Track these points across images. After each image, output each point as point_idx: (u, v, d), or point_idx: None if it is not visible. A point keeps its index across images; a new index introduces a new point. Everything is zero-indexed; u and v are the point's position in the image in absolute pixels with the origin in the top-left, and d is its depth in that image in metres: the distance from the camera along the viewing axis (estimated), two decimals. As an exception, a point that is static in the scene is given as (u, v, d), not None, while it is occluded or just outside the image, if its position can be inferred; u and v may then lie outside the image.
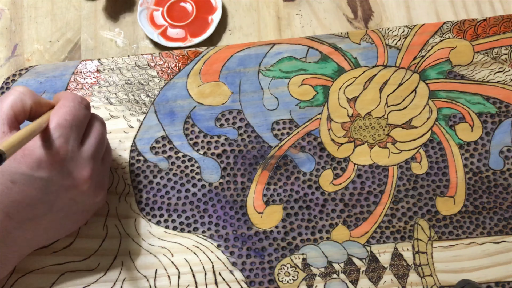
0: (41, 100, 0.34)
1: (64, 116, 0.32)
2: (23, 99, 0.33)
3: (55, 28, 0.49)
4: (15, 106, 0.33)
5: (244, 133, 0.42)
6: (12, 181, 0.31)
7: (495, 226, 0.38)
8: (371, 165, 0.40)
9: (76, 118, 0.33)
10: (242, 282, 0.38)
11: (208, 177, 0.41)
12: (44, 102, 0.34)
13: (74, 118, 0.33)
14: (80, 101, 0.34)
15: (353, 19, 0.47)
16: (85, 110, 0.34)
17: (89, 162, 0.34)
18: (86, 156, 0.34)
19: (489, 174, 0.39)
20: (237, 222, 0.39)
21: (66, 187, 0.33)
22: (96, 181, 0.35)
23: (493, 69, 0.42)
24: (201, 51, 0.44)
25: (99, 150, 0.35)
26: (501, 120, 0.41)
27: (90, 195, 0.35)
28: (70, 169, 0.33)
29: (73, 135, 0.33)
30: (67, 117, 0.33)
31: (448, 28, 0.43)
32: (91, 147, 0.34)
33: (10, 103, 0.33)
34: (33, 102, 0.33)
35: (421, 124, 0.41)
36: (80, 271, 0.38)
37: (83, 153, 0.34)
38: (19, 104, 0.33)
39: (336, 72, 0.43)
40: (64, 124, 0.32)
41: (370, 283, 0.37)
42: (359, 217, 0.39)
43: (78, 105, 0.34)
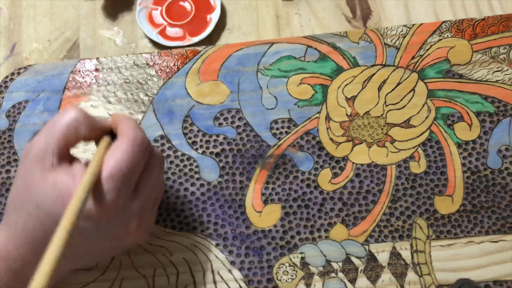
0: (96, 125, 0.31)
1: (120, 165, 0.29)
2: (78, 128, 0.30)
3: (54, 27, 0.49)
4: (68, 135, 0.30)
5: (243, 132, 0.42)
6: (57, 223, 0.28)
7: (493, 225, 0.38)
8: (369, 164, 0.40)
9: (133, 167, 0.30)
10: (241, 281, 0.38)
11: (207, 176, 0.41)
12: (99, 126, 0.32)
13: (131, 167, 0.30)
14: (141, 143, 0.31)
15: (352, 18, 0.47)
16: (142, 154, 0.31)
17: (140, 215, 0.32)
18: (136, 209, 0.31)
19: (487, 173, 0.39)
20: (235, 221, 0.39)
21: (111, 238, 0.32)
22: (144, 229, 0.33)
23: (492, 68, 0.42)
24: (200, 50, 0.44)
25: (152, 197, 0.33)
26: (499, 120, 0.41)
27: (133, 242, 0.33)
28: (118, 222, 0.31)
29: (126, 187, 0.30)
30: (122, 166, 0.29)
31: (447, 27, 0.43)
32: (144, 198, 0.32)
33: (63, 132, 0.30)
34: (88, 130, 0.31)
35: (419, 123, 0.41)
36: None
37: (135, 205, 0.31)
38: (73, 134, 0.30)
39: (335, 71, 0.43)
40: (118, 176, 0.29)
41: (368, 282, 0.37)
42: (357, 216, 0.39)
43: (137, 149, 0.30)
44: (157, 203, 0.35)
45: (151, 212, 0.35)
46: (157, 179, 0.33)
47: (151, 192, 0.33)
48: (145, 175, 0.32)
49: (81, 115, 0.31)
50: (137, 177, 0.31)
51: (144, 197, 0.32)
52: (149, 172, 0.32)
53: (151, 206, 0.34)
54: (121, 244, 0.33)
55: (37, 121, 0.43)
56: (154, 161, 0.33)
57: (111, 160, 0.29)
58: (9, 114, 0.43)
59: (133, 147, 0.30)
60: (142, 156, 0.31)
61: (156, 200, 0.35)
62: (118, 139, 0.31)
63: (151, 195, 0.33)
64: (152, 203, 0.34)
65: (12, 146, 0.42)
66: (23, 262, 0.31)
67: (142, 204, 0.32)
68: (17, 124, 0.43)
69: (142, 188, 0.32)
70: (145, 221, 0.33)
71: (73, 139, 0.31)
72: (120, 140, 0.30)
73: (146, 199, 0.32)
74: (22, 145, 0.42)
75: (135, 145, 0.30)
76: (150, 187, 0.32)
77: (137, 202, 0.31)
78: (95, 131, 0.32)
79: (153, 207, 0.35)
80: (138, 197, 0.31)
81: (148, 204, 0.33)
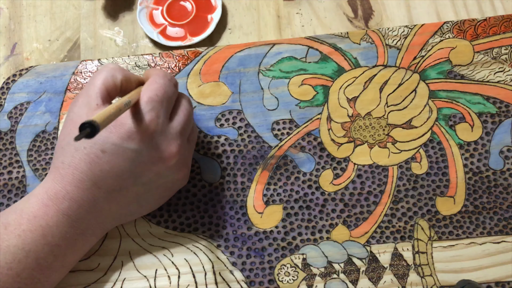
0: (131, 76, 0.36)
1: (155, 92, 0.33)
2: (114, 75, 0.34)
3: (54, 27, 0.49)
4: (107, 81, 0.34)
5: (244, 133, 0.42)
6: (103, 151, 0.32)
7: (495, 226, 0.38)
8: (371, 165, 0.40)
9: (167, 94, 0.34)
10: (242, 282, 0.38)
11: (208, 177, 0.41)
12: (133, 78, 0.36)
13: (165, 94, 0.34)
14: (170, 78, 0.35)
15: (354, 18, 0.47)
16: (174, 88, 0.35)
17: (177, 138, 0.34)
18: (174, 132, 0.34)
19: (489, 174, 0.39)
20: (237, 222, 0.39)
21: (154, 161, 0.34)
22: (182, 158, 0.35)
23: (493, 69, 0.42)
24: (201, 51, 0.44)
25: (186, 127, 0.36)
26: (501, 120, 0.41)
27: (175, 171, 0.36)
28: (159, 143, 0.33)
29: (163, 110, 0.34)
30: (158, 93, 0.33)
31: (448, 28, 0.43)
32: (179, 124, 0.35)
33: (103, 79, 0.34)
34: (124, 78, 0.35)
35: (421, 124, 0.41)
36: (80, 271, 0.38)
37: (172, 128, 0.34)
38: (111, 80, 0.34)
39: (336, 72, 0.43)
40: (155, 99, 0.33)
41: (370, 283, 0.37)
42: (359, 217, 0.39)
43: (168, 82, 0.35)
44: (192, 143, 0.38)
45: (188, 148, 0.37)
46: (189, 112, 0.36)
47: (186, 122, 0.36)
48: (177, 107, 0.36)
49: (116, 66, 0.35)
50: (172, 106, 0.35)
51: (180, 123, 0.35)
52: (179, 104, 0.36)
53: (186, 137, 0.36)
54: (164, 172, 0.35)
55: (39, 122, 0.43)
56: (183, 97, 0.37)
57: (147, 89, 0.34)
58: (11, 115, 0.43)
59: (164, 80, 0.34)
60: (173, 89, 0.35)
61: (192, 139, 0.38)
62: (151, 78, 0.35)
63: (185, 126, 0.36)
64: (187, 136, 0.36)
65: (14, 147, 0.42)
66: (70, 200, 0.33)
67: (179, 130, 0.35)
68: (19, 125, 0.43)
69: (176, 116, 0.35)
70: (183, 148, 0.35)
71: (112, 85, 0.34)
72: (153, 76, 0.35)
73: (181, 127, 0.35)
74: (24, 146, 0.42)
75: (166, 80, 0.35)
76: (185, 116, 0.36)
77: (174, 126, 0.34)
78: (131, 82, 0.35)
79: (189, 144, 0.37)
80: (174, 123, 0.35)
81: (185, 134, 0.36)
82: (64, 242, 0.34)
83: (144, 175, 0.34)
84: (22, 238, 0.32)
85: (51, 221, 0.33)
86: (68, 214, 0.33)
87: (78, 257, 0.36)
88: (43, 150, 0.42)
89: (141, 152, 0.33)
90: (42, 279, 0.34)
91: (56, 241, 0.33)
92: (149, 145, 0.33)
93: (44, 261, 0.33)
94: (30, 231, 0.33)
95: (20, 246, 0.32)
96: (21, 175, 0.41)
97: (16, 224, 0.33)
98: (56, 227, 0.33)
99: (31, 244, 0.33)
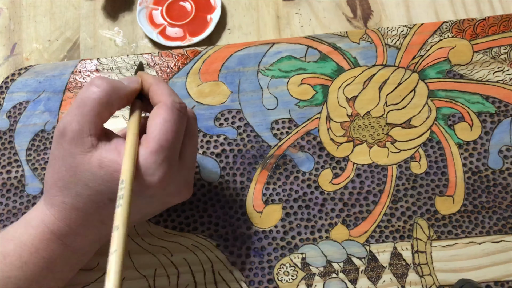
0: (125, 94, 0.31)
1: (166, 136, 0.29)
2: (109, 102, 0.30)
3: (54, 27, 0.49)
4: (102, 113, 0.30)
5: (244, 132, 0.42)
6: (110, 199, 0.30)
7: (494, 225, 0.38)
8: (370, 165, 0.40)
9: (177, 134, 0.30)
10: (242, 281, 0.38)
11: (208, 177, 0.41)
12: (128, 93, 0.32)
13: (176, 135, 0.30)
14: (179, 108, 0.31)
15: (353, 18, 0.47)
16: (184, 120, 0.31)
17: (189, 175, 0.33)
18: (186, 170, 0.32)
19: (488, 174, 0.39)
20: (236, 221, 0.39)
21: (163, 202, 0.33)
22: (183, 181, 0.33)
23: (492, 68, 0.42)
24: (200, 50, 0.44)
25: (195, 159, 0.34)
26: (500, 120, 0.41)
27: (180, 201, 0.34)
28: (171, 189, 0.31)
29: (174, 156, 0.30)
30: (168, 136, 0.29)
31: (447, 27, 0.43)
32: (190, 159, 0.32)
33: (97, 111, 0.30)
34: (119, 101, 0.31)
35: (420, 124, 0.41)
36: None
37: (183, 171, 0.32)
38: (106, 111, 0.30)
39: (335, 71, 0.43)
40: (167, 146, 0.29)
41: (369, 282, 0.37)
42: (358, 217, 0.39)
43: (177, 116, 0.30)
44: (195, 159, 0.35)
45: (193, 169, 0.35)
46: (196, 138, 0.34)
47: (195, 152, 0.33)
48: (187, 139, 0.32)
49: (110, 87, 0.30)
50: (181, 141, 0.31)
51: (190, 158, 0.33)
52: (190, 136, 0.33)
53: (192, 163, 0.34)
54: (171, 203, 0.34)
55: (37, 121, 0.43)
56: (192, 122, 0.33)
57: (155, 132, 0.29)
58: (9, 114, 0.43)
59: (173, 115, 0.30)
60: (183, 122, 0.31)
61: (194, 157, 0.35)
62: (157, 107, 0.30)
63: (194, 154, 0.33)
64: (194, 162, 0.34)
65: (13, 147, 0.42)
66: (75, 236, 0.32)
67: (189, 167, 0.33)
68: (18, 125, 0.43)
69: (187, 153, 0.32)
70: (191, 181, 0.34)
71: (107, 114, 0.31)
72: (159, 109, 0.30)
73: (191, 160, 0.33)
74: (23, 145, 0.42)
75: (175, 112, 0.30)
76: (193, 148, 0.33)
77: (185, 167, 0.32)
78: (126, 100, 0.32)
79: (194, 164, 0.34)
80: (186, 163, 0.32)
81: (193, 166, 0.34)
82: (67, 268, 0.34)
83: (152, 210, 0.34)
84: (24, 270, 0.31)
85: (54, 253, 0.32)
86: (73, 247, 0.33)
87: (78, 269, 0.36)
88: (42, 150, 0.42)
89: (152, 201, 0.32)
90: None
91: (59, 268, 0.33)
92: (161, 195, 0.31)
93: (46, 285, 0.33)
94: (33, 264, 0.31)
95: (23, 278, 0.31)
96: (20, 174, 0.41)
97: (17, 256, 0.31)
98: (60, 258, 0.32)
99: (34, 275, 0.31)
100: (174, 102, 0.31)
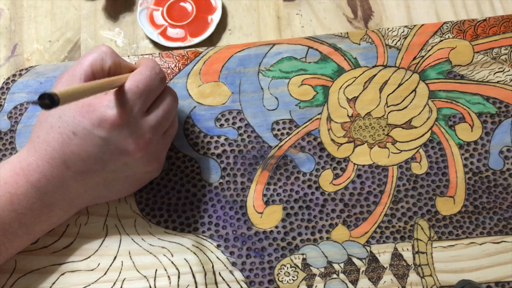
0: (122, 62, 0.36)
1: (137, 83, 0.33)
2: (104, 59, 0.34)
3: (55, 28, 0.49)
4: (95, 63, 0.34)
5: (244, 133, 0.42)
6: (74, 133, 0.33)
7: (495, 226, 0.38)
8: (371, 165, 0.40)
9: (148, 87, 0.34)
10: (242, 282, 0.38)
11: (208, 177, 0.41)
12: (124, 64, 0.36)
13: (146, 87, 0.34)
14: (158, 72, 0.35)
15: (353, 19, 0.47)
16: (159, 82, 0.35)
17: (149, 132, 0.34)
18: (147, 126, 0.34)
19: (489, 174, 0.39)
20: (237, 222, 0.39)
21: (120, 151, 0.34)
22: (151, 152, 0.36)
23: (493, 69, 0.42)
24: (201, 51, 0.44)
25: (163, 123, 0.36)
26: (501, 120, 0.41)
27: (143, 164, 0.36)
28: (128, 134, 0.33)
29: (140, 102, 0.33)
30: (139, 84, 0.33)
31: (448, 28, 0.43)
32: (156, 118, 0.35)
33: (90, 61, 0.34)
34: (113, 63, 0.35)
35: (421, 124, 0.41)
36: (80, 271, 0.38)
37: (146, 122, 0.34)
38: (99, 63, 0.34)
39: (336, 72, 0.43)
40: (134, 91, 0.33)
41: (370, 283, 0.37)
42: (359, 217, 0.39)
43: (154, 75, 0.34)
44: (169, 138, 0.38)
45: (162, 143, 0.37)
46: (169, 109, 0.36)
47: (163, 118, 0.35)
48: (159, 102, 0.36)
49: (109, 50, 0.35)
50: (151, 100, 0.35)
51: (156, 118, 0.35)
52: (162, 99, 0.36)
53: (161, 133, 0.36)
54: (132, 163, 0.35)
55: (38, 122, 0.43)
56: (168, 92, 0.37)
57: (131, 78, 0.34)
58: (10, 115, 0.43)
59: (150, 72, 0.34)
60: (158, 82, 0.35)
61: (169, 134, 0.38)
62: (139, 68, 0.35)
63: (162, 121, 0.36)
64: (163, 133, 0.37)
65: (14, 148, 0.42)
66: (40, 174, 0.34)
67: (153, 126, 0.35)
68: (19, 126, 0.43)
69: (155, 110, 0.35)
70: (154, 143, 0.35)
71: (99, 69, 0.34)
72: (141, 67, 0.35)
73: (157, 122, 0.35)
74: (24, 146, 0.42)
75: (153, 72, 0.35)
76: (164, 112, 0.35)
77: (148, 121, 0.34)
78: (121, 68, 0.36)
79: (164, 138, 0.37)
80: (150, 117, 0.35)
81: (159, 130, 0.36)
82: (30, 212, 0.35)
83: (111, 163, 0.35)
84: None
85: (20, 190, 0.34)
86: (37, 186, 0.34)
87: (45, 228, 0.37)
88: (43, 150, 0.42)
89: (109, 141, 0.33)
90: (6, 243, 0.35)
91: (23, 210, 0.34)
92: (117, 136, 0.33)
93: (9, 227, 0.34)
94: None
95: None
96: (21, 175, 0.41)
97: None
98: (24, 197, 0.34)
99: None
100: (154, 65, 0.35)
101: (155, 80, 0.35)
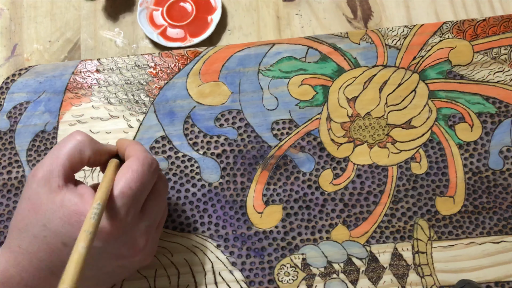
0: (101, 149, 0.33)
1: (129, 184, 0.30)
2: (82, 150, 0.32)
3: (55, 28, 0.49)
4: (73, 157, 0.31)
5: (244, 133, 0.42)
6: (64, 243, 0.30)
7: (495, 226, 0.38)
8: (370, 165, 0.40)
9: (142, 186, 0.31)
10: (242, 282, 0.38)
11: (208, 177, 0.41)
12: (103, 150, 0.33)
13: (140, 186, 0.31)
14: (150, 164, 0.32)
15: (353, 19, 0.47)
16: (152, 176, 0.32)
17: (145, 234, 0.32)
18: (143, 228, 0.32)
19: (488, 174, 0.39)
20: (236, 222, 0.39)
21: (117, 257, 0.32)
22: (148, 251, 0.33)
23: (493, 69, 0.42)
24: (201, 51, 0.44)
25: (157, 218, 0.34)
26: (500, 120, 0.41)
27: (140, 262, 0.34)
28: (125, 241, 0.31)
29: (134, 206, 0.31)
30: (132, 185, 0.30)
31: (448, 28, 0.43)
32: (151, 218, 0.32)
33: (68, 154, 0.31)
34: (92, 153, 0.32)
35: (420, 124, 0.41)
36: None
37: (142, 225, 0.32)
38: (77, 156, 0.31)
39: (336, 72, 0.43)
40: (128, 194, 0.30)
41: (369, 283, 0.37)
42: (358, 217, 0.39)
43: (147, 170, 0.31)
44: (161, 226, 0.36)
45: (156, 233, 0.35)
46: (163, 200, 0.34)
47: (157, 213, 0.33)
48: (153, 196, 0.33)
49: (85, 139, 0.32)
50: (145, 196, 0.32)
51: (151, 217, 0.33)
52: (156, 194, 0.33)
53: (156, 227, 0.34)
54: (127, 264, 0.33)
55: (38, 122, 0.43)
56: (161, 183, 0.34)
57: (121, 179, 0.30)
58: (10, 115, 0.43)
59: (143, 167, 0.31)
60: (151, 177, 0.32)
61: (160, 222, 0.36)
62: (129, 160, 0.32)
63: (157, 217, 0.34)
64: (157, 225, 0.34)
65: (14, 147, 0.42)
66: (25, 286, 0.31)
67: (149, 224, 0.33)
68: (18, 125, 0.43)
69: (150, 209, 0.33)
70: (151, 241, 0.33)
71: (78, 161, 0.32)
72: (130, 161, 0.31)
73: (152, 219, 0.33)
74: (24, 146, 0.42)
75: (145, 166, 0.31)
76: (157, 207, 0.33)
77: (144, 222, 0.32)
78: (100, 155, 0.33)
79: (157, 229, 0.35)
80: (145, 217, 0.32)
81: (154, 224, 0.34)
82: None
83: (106, 268, 0.32)
84: None
85: None
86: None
87: None
88: (42, 150, 0.42)
89: (105, 250, 0.30)
90: None
91: None
92: (113, 244, 0.30)
93: None
94: None
95: None
96: (20, 175, 0.41)
97: None
98: None
99: None
100: (145, 157, 0.32)
101: (148, 175, 0.31)
